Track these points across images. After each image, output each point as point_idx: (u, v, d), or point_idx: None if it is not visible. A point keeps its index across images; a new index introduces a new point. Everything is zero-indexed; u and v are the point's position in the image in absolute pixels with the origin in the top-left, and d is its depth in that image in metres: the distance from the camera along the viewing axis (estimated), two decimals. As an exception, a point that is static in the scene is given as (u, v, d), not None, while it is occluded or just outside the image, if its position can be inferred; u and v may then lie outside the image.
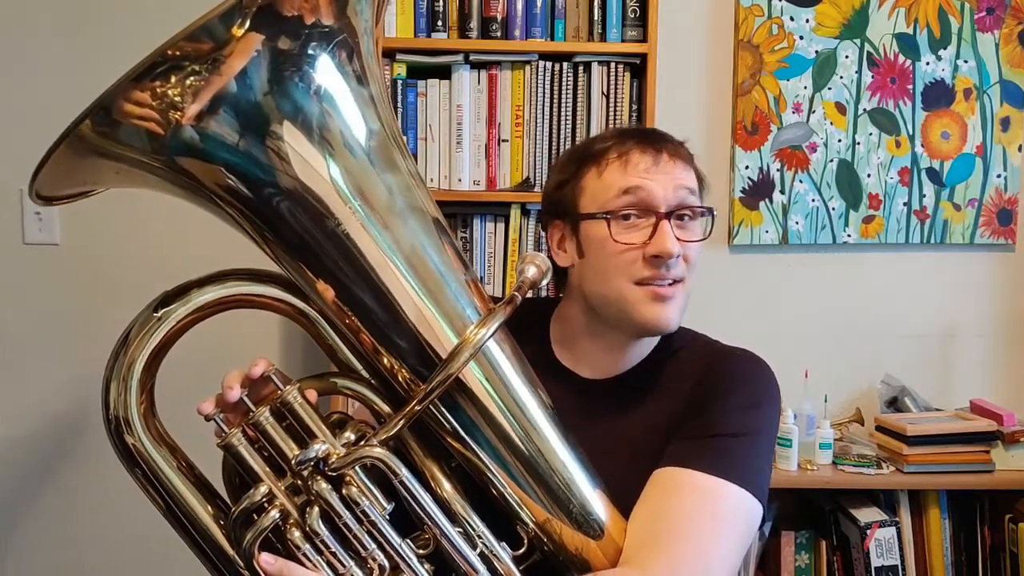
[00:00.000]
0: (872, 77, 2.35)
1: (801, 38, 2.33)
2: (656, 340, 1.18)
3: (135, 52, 0.85)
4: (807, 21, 2.33)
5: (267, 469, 0.96)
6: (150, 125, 0.87)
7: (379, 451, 0.94)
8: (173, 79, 0.85)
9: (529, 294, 1.02)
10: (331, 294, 0.96)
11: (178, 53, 0.84)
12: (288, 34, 0.88)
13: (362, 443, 0.95)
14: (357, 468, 0.95)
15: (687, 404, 1.11)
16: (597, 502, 1.03)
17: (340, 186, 0.92)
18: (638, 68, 2.15)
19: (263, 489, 0.94)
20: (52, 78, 2.26)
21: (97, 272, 2.32)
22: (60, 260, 2.32)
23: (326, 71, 0.91)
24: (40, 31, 2.28)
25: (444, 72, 2.14)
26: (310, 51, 0.90)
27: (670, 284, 1.10)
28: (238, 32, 0.85)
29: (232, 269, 1.01)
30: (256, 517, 0.94)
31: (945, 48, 2.35)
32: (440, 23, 2.12)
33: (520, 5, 2.12)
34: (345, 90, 0.93)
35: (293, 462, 0.94)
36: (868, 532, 2.13)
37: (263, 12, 0.86)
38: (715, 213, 1.17)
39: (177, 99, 0.86)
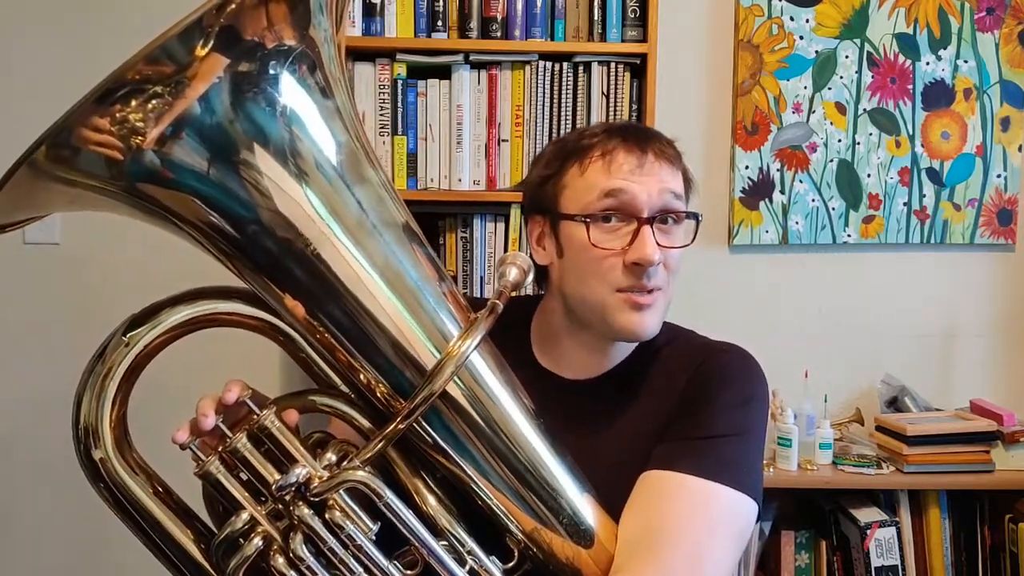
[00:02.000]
0: (872, 77, 2.35)
1: (801, 38, 2.33)
2: None
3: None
4: (807, 21, 2.33)
5: (247, 495, 0.94)
6: (109, 151, 0.84)
7: (361, 474, 0.92)
8: (133, 103, 0.83)
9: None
10: (301, 311, 0.93)
11: (137, 76, 0.82)
12: (250, 53, 0.85)
13: (344, 464, 0.93)
14: (341, 491, 0.93)
15: (675, 404, 1.09)
16: (587, 509, 1.01)
17: (310, 206, 0.90)
18: (638, 68, 2.15)
19: (245, 516, 0.93)
20: (53, 78, 2.26)
21: (97, 272, 2.32)
22: (60, 260, 2.32)
23: (289, 88, 0.88)
24: (40, 31, 2.28)
25: (444, 72, 2.13)
26: (272, 70, 0.87)
27: (649, 292, 1.07)
28: (201, 52, 0.83)
29: (203, 287, 0.99)
30: (239, 543, 0.93)
31: (945, 48, 2.35)
32: (440, 23, 2.12)
33: (520, 5, 2.12)
34: (309, 106, 0.90)
35: (274, 488, 0.92)
36: (868, 532, 2.13)
37: (225, 32, 0.83)
38: (700, 218, 1.13)
39: (138, 123, 0.83)
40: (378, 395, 0.96)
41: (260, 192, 0.88)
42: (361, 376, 0.96)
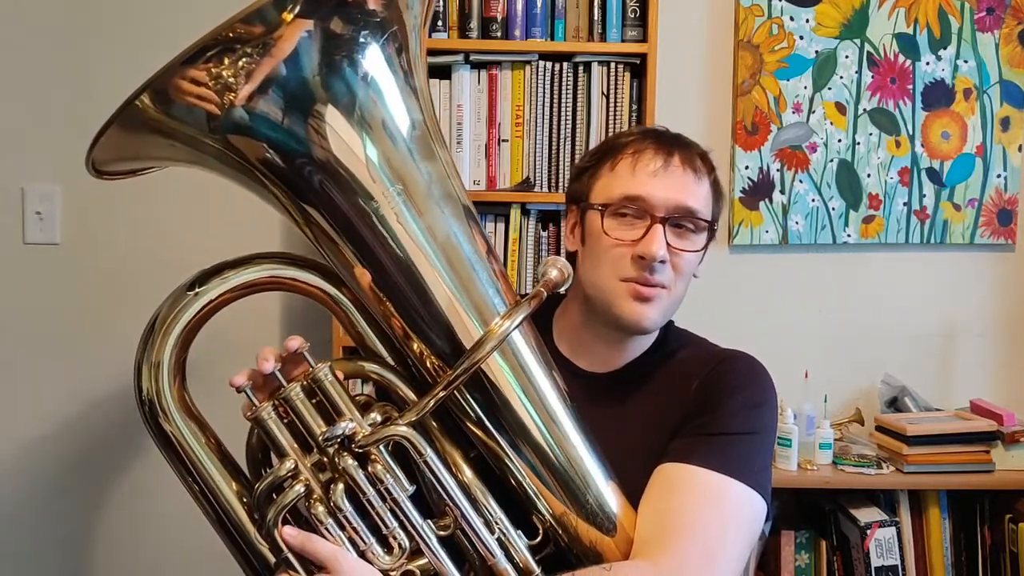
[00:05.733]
0: (872, 77, 2.35)
1: (801, 38, 2.33)
2: (652, 338, 1.20)
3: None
4: (807, 21, 2.33)
5: (294, 444, 0.97)
6: (205, 104, 0.90)
7: (405, 429, 0.95)
8: (226, 60, 0.88)
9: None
10: (367, 279, 0.98)
11: (231, 35, 0.87)
12: (339, 21, 0.91)
13: (388, 423, 0.96)
14: (382, 447, 0.96)
15: (689, 404, 1.13)
16: (611, 495, 1.04)
17: (382, 170, 0.95)
18: (638, 68, 2.15)
19: (289, 464, 0.96)
20: (52, 77, 2.26)
21: (97, 272, 2.31)
22: (60, 260, 2.32)
23: (374, 59, 0.94)
24: (40, 31, 2.28)
25: (444, 72, 2.14)
26: (361, 39, 0.93)
27: (651, 286, 1.11)
28: (288, 17, 0.88)
29: (266, 252, 1.03)
30: (282, 490, 0.96)
31: (945, 48, 2.35)
32: (440, 23, 2.12)
33: (520, 5, 2.12)
34: (391, 79, 0.96)
35: (320, 438, 0.96)
36: (868, 532, 2.13)
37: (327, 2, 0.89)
38: (717, 228, 1.18)
39: (231, 80, 0.88)
40: (428, 365, 1.00)
41: (338, 152, 0.93)
42: (415, 345, 1.00)
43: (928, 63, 2.35)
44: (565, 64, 2.14)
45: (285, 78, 0.89)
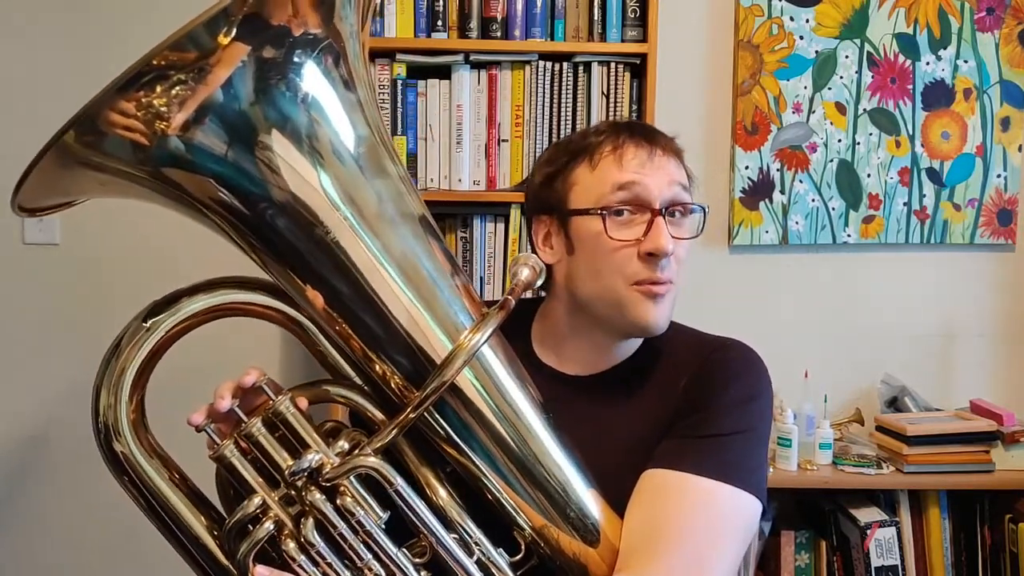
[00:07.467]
0: (872, 77, 2.34)
1: (801, 38, 2.33)
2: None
3: (136, 53, 0.85)
4: (807, 21, 2.33)
5: (260, 480, 0.95)
6: (136, 136, 0.86)
7: (373, 460, 0.93)
8: (159, 88, 0.84)
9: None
10: (320, 301, 0.95)
11: (163, 62, 0.83)
12: (274, 42, 0.87)
13: (356, 452, 0.94)
14: (351, 478, 0.94)
15: (680, 400, 1.10)
16: (593, 505, 1.02)
17: (329, 194, 0.91)
18: (638, 68, 2.15)
19: (257, 500, 0.94)
20: (51, 79, 2.26)
21: (97, 272, 2.32)
22: (60, 260, 2.32)
23: (313, 78, 0.90)
24: (40, 32, 2.28)
25: (444, 72, 2.13)
26: (296, 58, 0.89)
27: (662, 283, 1.08)
28: (224, 40, 0.84)
29: (222, 277, 1.01)
30: (250, 528, 0.94)
31: (945, 48, 2.34)
32: (440, 23, 2.12)
33: (520, 5, 2.12)
34: (332, 96, 0.92)
35: (287, 473, 0.93)
36: (868, 532, 2.13)
37: (249, 20, 0.85)
38: (708, 209, 1.15)
39: (163, 109, 0.85)
40: (392, 386, 0.97)
41: (281, 179, 0.90)
42: (376, 367, 0.97)
43: (928, 63, 2.35)
44: (565, 64, 2.14)
45: (221, 105, 0.85)
